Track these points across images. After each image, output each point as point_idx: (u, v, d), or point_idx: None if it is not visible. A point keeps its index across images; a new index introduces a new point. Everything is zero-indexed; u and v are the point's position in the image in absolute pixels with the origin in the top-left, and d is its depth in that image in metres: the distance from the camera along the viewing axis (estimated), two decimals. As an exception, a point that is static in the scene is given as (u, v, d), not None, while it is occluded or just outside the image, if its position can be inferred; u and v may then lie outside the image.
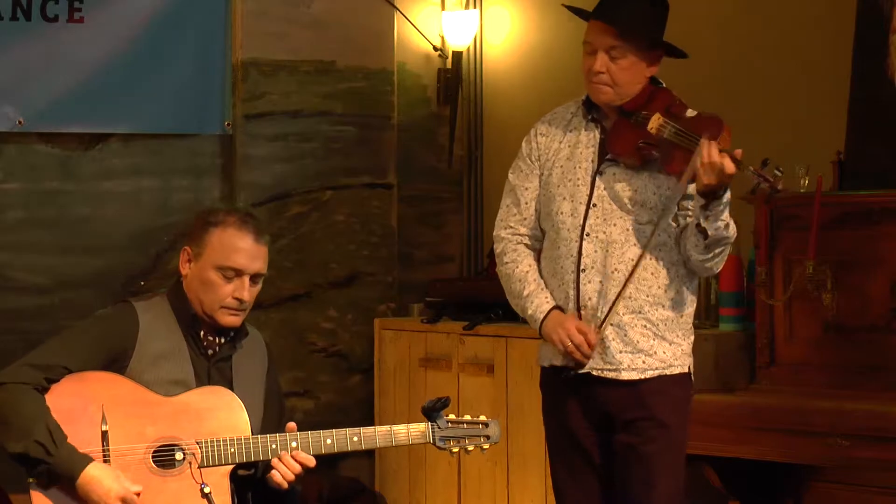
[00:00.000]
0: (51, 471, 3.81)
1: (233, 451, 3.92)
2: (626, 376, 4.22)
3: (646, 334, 4.22)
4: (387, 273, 6.71)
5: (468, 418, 4.13)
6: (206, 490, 3.86)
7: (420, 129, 6.92)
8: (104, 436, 3.86)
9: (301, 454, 3.95)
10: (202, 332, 4.06)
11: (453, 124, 6.93)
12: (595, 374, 4.23)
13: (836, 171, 5.18)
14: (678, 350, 4.27)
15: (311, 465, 3.96)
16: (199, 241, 4.04)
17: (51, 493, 3.84)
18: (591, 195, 4.24)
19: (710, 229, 4.09)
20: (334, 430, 4.00)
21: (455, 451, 4.09)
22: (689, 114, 4.21)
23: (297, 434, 3.97)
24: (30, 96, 6.06)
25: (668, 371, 4.25)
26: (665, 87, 4.31)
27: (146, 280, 6.19)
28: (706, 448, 5.00)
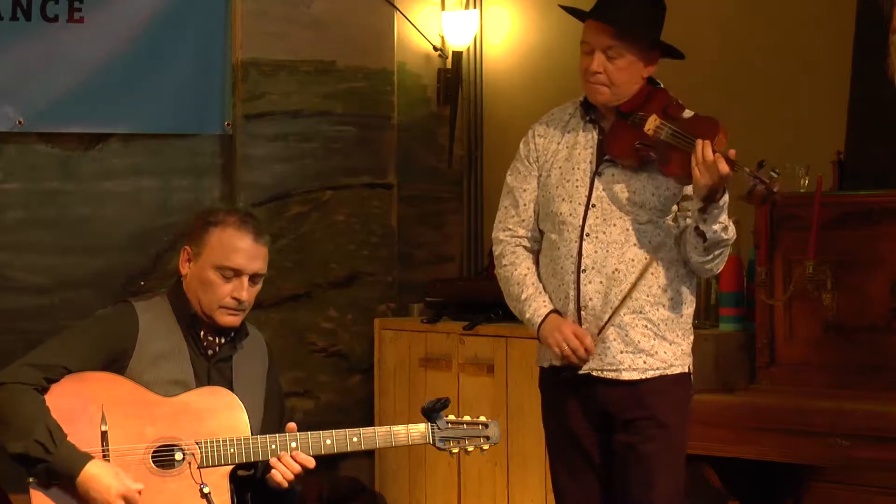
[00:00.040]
0: (50, 469, 3.81)
1: (232, 451, 3.92)
2: (626, 376, 4.22)
3: (646, 334, 4.22)
4: (387, 273, 6.70)
5: (468, 419, 4.13)
6: (206, 490, 3.86)
7: (420, 129, 6.91)
8: (104, 436, 3.86)
9: (301, 455, 3.95)
10: (202, 333, 4.05)
11: (453, 124, 6.93)
12: (595, 374, 4.23)
13: (836, 171, 5.18)
14: (678, 350, 4.27)
15: (311, 467, 3.96)
16: (198, 241, 4.04)
17: (51, 492, 3.83)
18: (589, 196, 4.24)
19: (708, 232, 4.09)
20: (334, 431, 3.99)
21: (455, 451, 4.09)
22: (687, 115, 4.21)
23: (297, 434, 3.97)
24: (30, 96, 6.04)
25: (668, 371, 4.25)
26: (662, 87, 4.31)
27: (146, 280, 6.18)
28: (706, 448, 5.00)
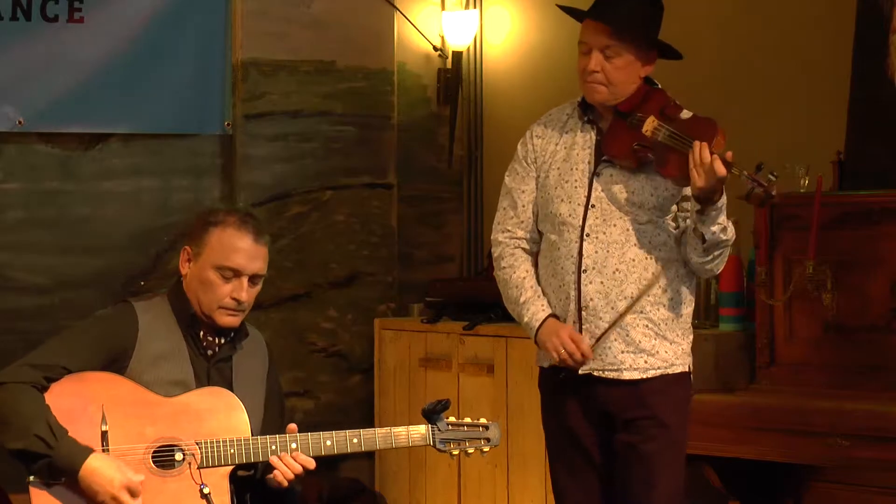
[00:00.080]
0: (52, 465, 3.80)
1: (232, 451, 3.91)
2: (627, 376, 4.22)
3: (647, 334, 4.22)
4: (387, 273, 6.70)
5: (468, 421, 4.12)
6: (206, 491, 3.86)
7: (420, 129, 6.91)
8: (104, 436, 3.85)
9: (301, 456, 3.95)
10: (202, 333, 4.05)
11: (453, 124, 6.93)
12: (596, 374, 4.24)
13: (836, 171, 5.18)
14: (679, 349, 4.27)
15: (311, 468, 3.96)
16: (198, 241, 4.04)
17: (50, 489, 3.83)
18: (588, 196, 4.24)
19: (706, 234, 4.10)
20: (334, 432, 3.99)
21: (455, 453, 4.08)
22: (684, 115, 4.21)
23: (297, 435, 3.96)
24: (30, 96, 6.04)
25: (669, 370, 4.25)
26: (660, 87, 4.31)
27: (146, 280, 6.18)
28: (706, 448, 5.00)
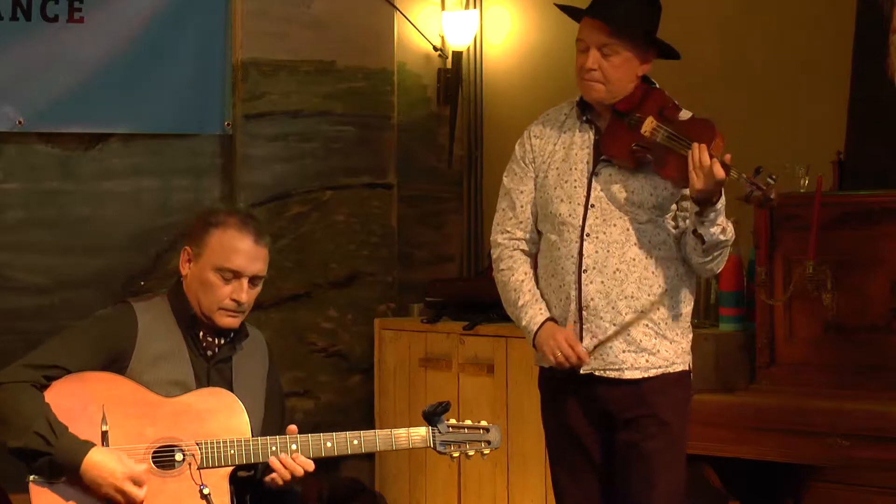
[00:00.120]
0: (53, 462, 3.80)
1: (232, 452, 3.91)
2: (629, 375, 4.22)
3: (648, 333, 4.22)
4: (387, 273, 6.70)
5: (469, 423, 4.12)
6: (206, 491, 3.86)
7: (420, 129, 6.91)
8: (104, 436, 3.85)
9: (300, 458, 3.94)
10: (201, 333, 4.05)
11: (453, 124, 6.93)
12: (597, 374, 4.24)
13: (836, 171, 5.17)
14: (679, 348, 4.28)
15: (310, 470, 3.96)
16: (198, 242, 4.04)
17: (51, 487, 3.83)
18: (588, 196, 4.24)
19: (706, 235, 4.10)
20: (334, 434, 3.99)
21: (455, 456, 4.08)
22: (683, 116, 4.21)
23: (298, 437, 3.96)
24: (30, 96, 6.05)
25: (670, 369, 4.25)
26: (658, 87, 4.31)
27: (146, 280, 6.18)
28: (706, 448, 5.00)
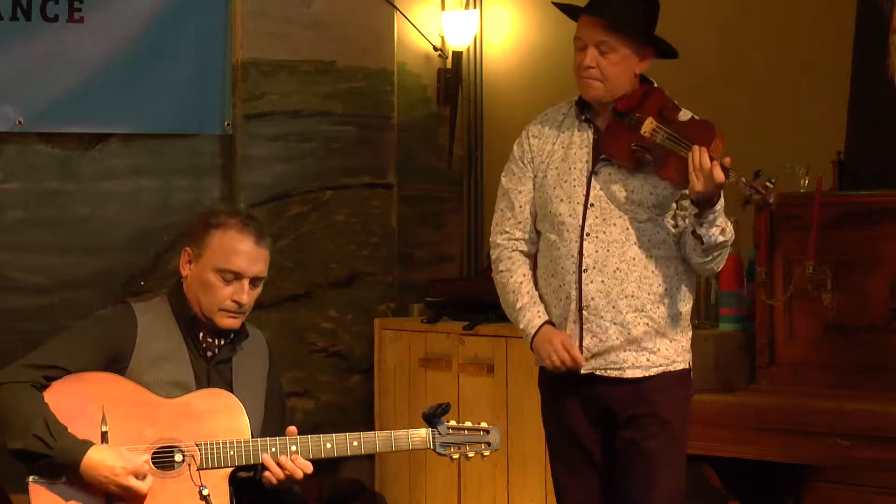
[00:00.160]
0: (52, 463, 3.80)
1: (232, 453, 3.91)
2: (630, 374, 4.23)
3: (648, 332, 4.23)
4: (387, 273, 6.70)
5: (469, 425, 4.11)
6: (205, 492, 3.85)
7: (420, 129, 6.91)
8: (104, 436, 3.85)
9: (299, 459, 3.94)
10: (201, 334, 4.05)
11: (453, 124, 6.93)
12: (598, 373, 4.24)
13: (836, 171, 5.18)
14: (679, 346, 4.28)
15: (309, 472, 3.95)
16: (199, 243, 4.03)
17: (50, 487, 3.83)
18: (587, 195, 4.24)
19: (705, 236, 4.10)
20: (334, 435, 3.98)
21: (455, 457, 4.08)
22: (683, 116, 4.21)
23: (297, 438, 3.96)
24: (30, 96, 6.04)
25: (671, 367, 4.26)
26: (657, 86, 4.30)
27: (146, 280, 6.18)
28: (706, 448, 5.00)
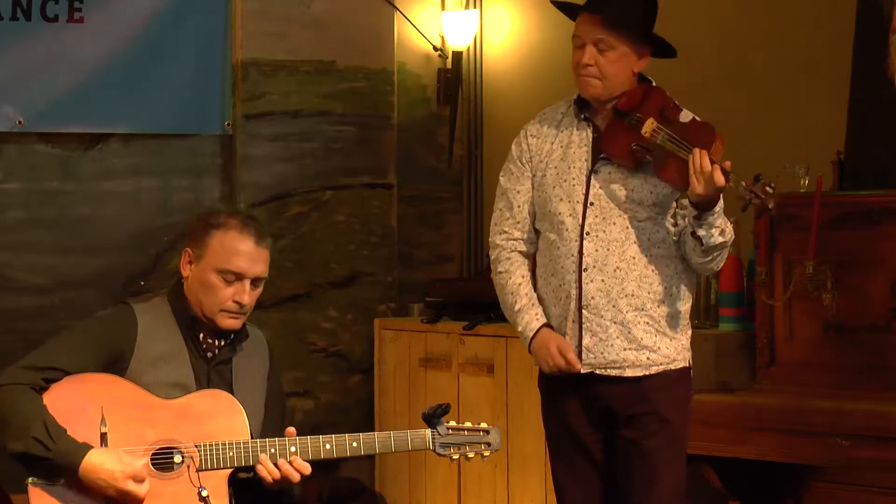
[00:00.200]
0: (52, 465, 3.80)
1: (231, 454, 3.91)
2: (630, 373, 4.23)
3: (648, 331, 4.23)
4: (387, 273, 6.70)
5: (469, 425, 4.11)
6: (204, 493, 3.85)
7: (420, 129, 6.91)
8: (103, 437, 3.85)
9: (297, 461, 3.93)
10: (201, 335, 4.05)
11: (453, 124, 6.93)
12: (598, 372, 4.24)
13: (836, 171, 5.18)
14: (679, 345, 4.29)
15: (307, 473, 3.95)
16: (199, 244, 4.03)
17: (49, 489, 3.83)
18: (587, 194, 4.24)
19: (704, 237, 4.10)
20: (334, 436, 3.98)
21: (455, 458, 4.07)
22: (683, 117, 4.21)
23: (297, 439, 3.96)
24: (30, 96, 6.04)
25: (671, 366, 4.27)
26: (657, 86, 4.30)
27: (146, 280, 6.18)
28: (706, 448, 5.00)
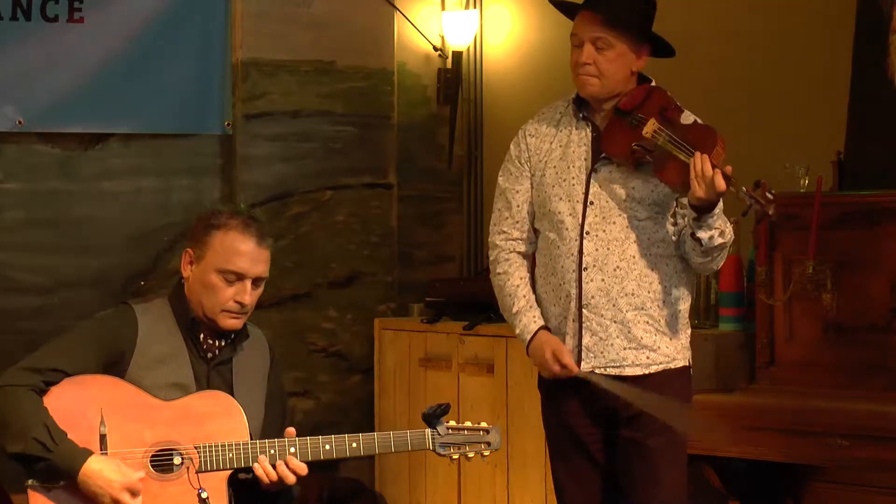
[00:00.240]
0: (51, 468, 3.80)
1: (231, 456, 3.90)
2: (630, 372, 4.23)
3: (648, 330, 4.23)
4: (387, 273, 6.70)
5: (469, 425, 4.10)
6: (204, 495, 3.85)
7: (420, 129, 6.91)
8: (102, 439, 3.84)
9: (293, 461, 3.92)
10: (202, 336, 4.04)
11: (453, 124, 6.93)
12: (599, 372, 4.24)
13: (836, 171, 5.18)
14: (679, 344, 4.29)
15: (303, 474, 3.94)
16: (200, 244, 4.02)
17: (49, 492, 3.82)
18: (587, 193, 4.24)
19: (703, 239, 4.10)
20: (333, 437, 3.97)
21: (455, 458, 4.07)
22: (685, 119, 4.20)
23: (297, 440, 3.95)
24: (30, 96, 6.04)
25: (671, 365, 4.26)
26: (657, 85, 4.30)
27: (146, 280, 6.18)
28: (706, 448, 5.00)
